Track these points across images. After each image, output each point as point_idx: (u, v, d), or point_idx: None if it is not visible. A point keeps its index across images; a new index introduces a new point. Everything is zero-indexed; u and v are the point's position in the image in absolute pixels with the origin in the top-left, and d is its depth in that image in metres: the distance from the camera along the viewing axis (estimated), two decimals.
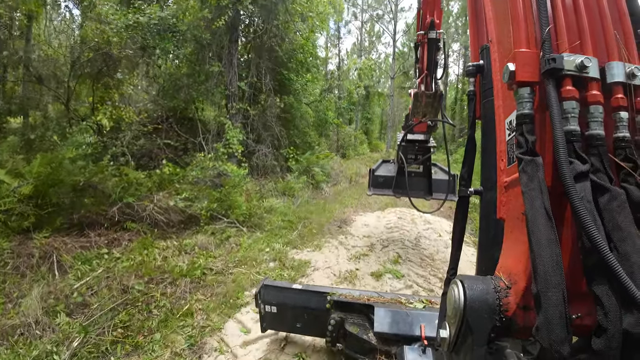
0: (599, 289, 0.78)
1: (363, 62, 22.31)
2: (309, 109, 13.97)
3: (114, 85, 9.52)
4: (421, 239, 6.97)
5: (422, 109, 3.58)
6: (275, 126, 10.44)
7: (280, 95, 11.04)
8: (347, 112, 22.94)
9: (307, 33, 10.81)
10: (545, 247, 0.81)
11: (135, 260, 5.10)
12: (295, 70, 11.38)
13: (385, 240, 6.69)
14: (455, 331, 0.98)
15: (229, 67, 9.55)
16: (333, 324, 2.70)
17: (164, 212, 6.43)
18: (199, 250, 5.65)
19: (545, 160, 0.91)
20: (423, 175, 4.86)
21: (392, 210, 9.78)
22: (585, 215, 0.79)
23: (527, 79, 0.95)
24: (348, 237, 6.74)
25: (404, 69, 34.80)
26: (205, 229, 6.40)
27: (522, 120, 0.95)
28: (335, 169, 15.31)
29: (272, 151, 10.32)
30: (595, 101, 0.91)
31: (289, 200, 9.05)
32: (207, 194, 6.58)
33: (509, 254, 1.02)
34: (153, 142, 9.72)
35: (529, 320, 0.90)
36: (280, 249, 5.62)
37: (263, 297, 2.93)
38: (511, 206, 1.04)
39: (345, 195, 11.59)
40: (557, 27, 0.97)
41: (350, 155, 21.58)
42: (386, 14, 29.47)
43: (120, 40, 8.90)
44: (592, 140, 0.90)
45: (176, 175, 7.08)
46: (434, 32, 3.39)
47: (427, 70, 3.49)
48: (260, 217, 6.61)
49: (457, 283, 0.98)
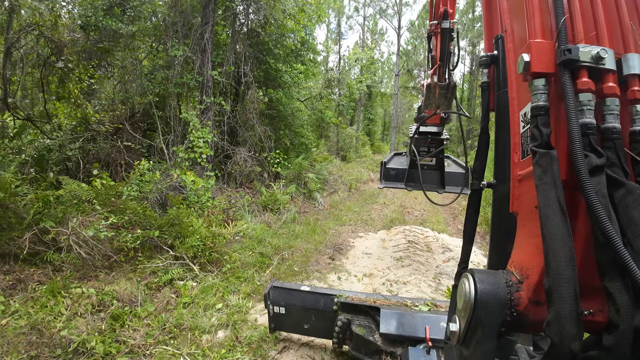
0: (612, 285, 0.76)
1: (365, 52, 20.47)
2: (303, 105, 12.08)
3: (71, 78, 7.78)
4: (442, 279, 5.10)
5: (435, 101, 3.41)
6: (259, 125, 8.58)
7: (266, 89, 9.18)
8: (348, 110, 21.12)
9: (296, 12, 8.92)
10: (559, 241, 0.80)
11: (32, 319, 3.38)
12: (283, 59, 9.51)
13: (394, 283, 4.82)
14: (465, 325, 0.96)
15: (199, 52, 7.71)
16: (340, 325, 2.73)
17: (83, 244, 4.62)
18: (117, 305, 3.82)
19: (560, 153, 0.89)
20: (436, 168, 4.68)
21: (399, 229, 7.91)
22: (600, 210, 0.77)
23: (542, 70, 0.92)
24: (342, 277, 4.87)
25: (408, 67, 33.01)
26: (142, 268, 4.57)
27: (537, 112, 0.92)
28: (333, 174, 13.51)
29: (254, 155, 8.45)
30: (611, 93, 0.89)
31: (272, 217, 7.19)
32: (147, 217, 4.73)
33: (522, 248, 1.01)
34: (113, 144, 7.97)
35: (540, 315, 0.87)
36: (239, 305, 3.76)
37: (272, 298, 2.95)
38: (524, 199, 1.03)
39: (343, 207, 9.72)
40: (573, 17, 0.95)
41: (351, 157, 19.83)
42: (390, 7, 27.53)
43: (54, 19, 7.14)
44: (607, 134, 0.88)
45: (112, 191, 5.24)
46: (447, 21, 3.27)
47: (440, 61, 3.39)
48: (220, 250, 4.73)
49: (468, 276, 0.96)
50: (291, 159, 9.89)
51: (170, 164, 6.63)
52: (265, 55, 9.13)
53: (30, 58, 8.20)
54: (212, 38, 8.05)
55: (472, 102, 30.33)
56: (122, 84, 8.09)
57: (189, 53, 7.50)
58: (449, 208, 10.73)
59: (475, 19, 31.86)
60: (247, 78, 8.38)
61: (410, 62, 33.15)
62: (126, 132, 7.98)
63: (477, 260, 6.06)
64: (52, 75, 8.07)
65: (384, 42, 34.85)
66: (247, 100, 8.56)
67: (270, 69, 9.25)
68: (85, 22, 6.70)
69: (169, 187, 5.59)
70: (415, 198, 11.91)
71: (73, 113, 7.99)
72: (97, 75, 8.21)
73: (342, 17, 31.09)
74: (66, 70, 7.66)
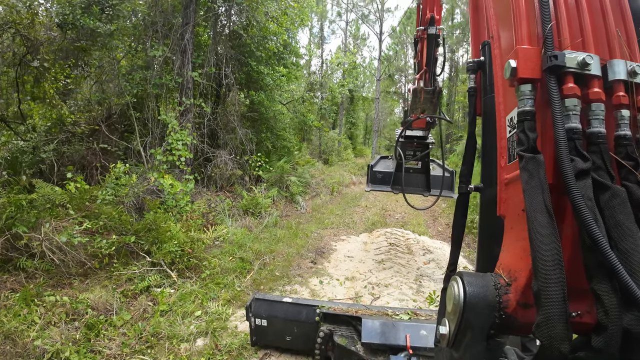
0: (600, 287, 0.77)
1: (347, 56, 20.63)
2: (285, 108, 12.02)
3: (47, 77, 7.45)
4: (424, 281, 5.15)
5: (421, 105, 3.47)
6: (240, 127, 8.47)
7: (247, 91, 9.08)
8: (330, 114, 21.18)
9: (279, 15, 8.88)
10: (546, 244, 0.80)
11: (5, 328, 3.20)
12: (265, 61, 9.44)
13: (376, 286, 4.82)
14: (454, 327, 0.96)
15: (179, 53, 7.56)
16: (322, 336, 2.72)
17: (57, 250, 4.42)
18: (92, 314, 3.66)
19: (546, 157, 0.90)
20: (421, 171, 4.76)
21: (381, 232, 7.96)
22: (586, 213, 0.78)
23: (529, 76, 0.93)
24: (324, 281, 4.84)
25: (389, 72, 33.47)
26: (118, 275, 4.40)
27: (523, 117, 0.93)
28: (316, 177, 13.48)
29: (235, 158, 8.33)
30: (596, 99, 0.90)
31: (253, 221, 7.09)
32: (123, 222, 4.57)
33: (509, 250, 1.01)
34: (89, 146, 7.68)
35: (529, 317, 0.88)
36: (219, 312, 3.67)
37: (254, 311, 2.93)
38: (512, 203, 1.03)
39: (325, 210, 9.71)
40: (559, 24, 0.97)
41: (334, 161, 19.87)
42: (372, 13, 27.89)
43: (32, 17, 6.85)
44: (593, 138, 0.89)
45: (87, 195, 5.04)
46: (434, 27, 3.32)
47: (426, 66, 3.42)
48: (199, 256, 4.61)
49: (457, 279, 0.96)
50: (273, 162, 9.81)
51: (148, 167, 6.45)
52: (247, 58, 9.05)
53: (6, 57, 7.83)
54: (192, 39, 7.91)
55: (452, 107, 30.98)
56: (99, 84, 7.83)
57: (168, 53, 7.34)
58: (430, 211, 10.89)
59: (454, 26, 32.65)
60: (229, 80, 8.27)
61: (391, 67, 33.63)
62: (102, 133, 7.71)
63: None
64: (27, 74, 7.73)
65: (366, 47, 35.21)
66: (228, 102, 8.44)
67: (252, 71, 9.17)
68: (62, 20, 6.45)
69: (146, 191, 5.42)
70: (396, 201, 12.04)
71: (48, 114, 7.68)
72: (73, 75, 7.92)
73: (325, 21, 31.25)
74: (42, 69, 7.36)
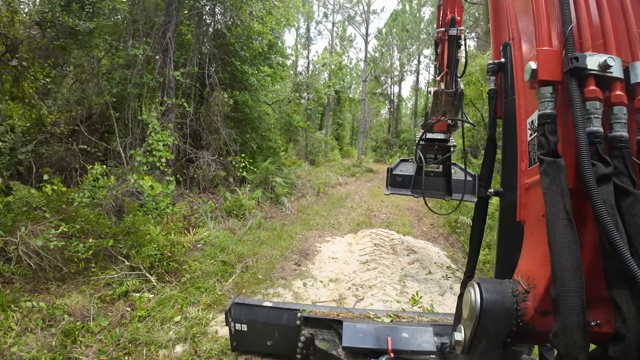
0: (619, 295, 0.76)
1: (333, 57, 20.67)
2: (270, 109, 11.94)
3: (27, 77, 7.17)
4: (407, 281, 5.18)
5: (442, 108, 3.35)
6: (224, 128, 8.36)
7: (231, 91, 8.98)
8: (316, 115, 21.18)
9: (264, 14, 8.81)
10: (566, 251, 0.78)
11: None
12: (250, 61, 9.35)
13: (360, 287, 4.82)
14: (470, 334, 0.94)
15: (161, 51, 7.41)
16: (303, 340, 2.69)
17: (33, 255, 4.26)
18: (68, 320, 3.55)
19: (567, 161, 0.88)
20: (442, 175, 4.62)
21: (366, 233, 7.97)
22: (607, 219, 0.76)
23: (549, 78, 0.91)
24: (308, 283, 4.80)
25: (375, 73, 33.70)
26: (96, 280, 4.28)
27: (544, 120, 0.91)
28: (302, 178, 13.42)
29: (219, 159, 8.22)
30: (618, 102, 0.88)
31: (236, 223, 7.00)
32: (100, 225, 4.44)
33: (529, 257, 0.99)
34: (68, 147, 7.46)
35: (546, 325, 0.85)
36: (199, 317, 3.59)
37: (233, 315, 2.90)
38: (532, 208, 1.02)
39: (311, 212, 9.68)
40: (580, 25, 0.95)
41: (320, 162, 19.85)
42: (358, 14, 28.02)
43: (11, 15, 6.61)
44: (615, 142, 0.88)
45: (64, 197, 4.87)
46: (455, 29, 3.27)
47: (448, 68, 3.35)
48: (179, 260, 4.51)
49: (474, 285, 0.95)
50: (258, 163, 9.72)
51: (128, 169, 6.30)
52: (231, 57, 8.94)
53: None
54: (175, 37, 7.77)
55: None
56: (79, 83, 7.61)
57: (150, 52, 7.19)
58: (415, 211, 11.00)
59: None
60: (212, 79, 8.16)
61: (377, 68, 33.87)
62: (82, 134, 7.51)
63: (440, 262, 6.22)
64: (6, 73, 7.46)
65: (352, 48, 35.28)
66: (211, 102, 8.31)
67: (236, 71, 9.06)
68: (41, 18, 6.25)
69: (126, 193, 5.28)
70: (381, 201, 12.11)
71: (27, 114, 7.43)
72: (52, 74, 7.68)
73: (311, 22, 31.25)
74: (21, 68, 7.12)
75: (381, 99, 38.94)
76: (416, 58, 37.33)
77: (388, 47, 36.26)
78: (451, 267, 5.97)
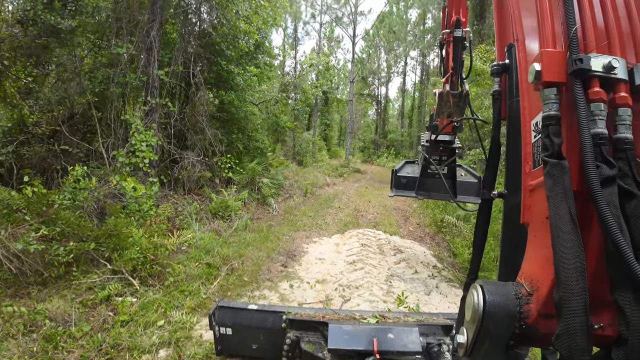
0: (622, 298, 0.76)
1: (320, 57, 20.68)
2: (257, 109, 11.86)
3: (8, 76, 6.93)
4: (394, 281, 5.21)
5: (448, 109, 3.35)
6: (209, 128, 8.27)
7: (217, 91, 8.89)
8: (303, 115, 21.15)
9: (250, 14, 8.76)
10: (569, 253, 0.78)
11: None
12: (236, 61, 9.28)
13: (347, 288, 4.83)
14: (473, 336, 0.94)
15: (144, 50, 7.28)
16: (289, 343, 2.68)
17: (14, 259, 4.13)
18: (50, 325, 3.46)
19: (572, 163, 0.88)
20: (448, 177, 4.51)
21: (353, 233, 8.00)
22: (611, 222, 0.76)
23: (554, 80, 0.92)
24: (295, 285, 4.79)
25: (363, 74, 33.90)
26: (77, 284, 4.17)
27: (548, 121, 0.92)
28: (289, 179, 13.39)
29: (204, 159, 8.12)
30: (623, 103, 0.88)
31: (222, 225, 6.93)
32: (82, 228, 4.33)
33: (532, 259, 1.00)
34: (49, 148, 7.25)
35: (549, 328, 0.85)
36: (183, 321, 3.54)
37: (217, 319, 2.89)
38: (535, 210, 1.02)
39: (298, 212, 9.66)
40: (585, 27, 0.96)
41: (308, 162, 19.84)
42: (345, 16, 28.12)
43: None
44: (619, 144, 0.87)
45: (44, 199, 4.73)
46: (460, 30, 3.24)
47: (453, 70, 3.32)
48: (163, 263, 4.44)
49: (477, 288, 0.95)
50: (244, 164, 9.65)
51: (110, 170, 6.17)
52: (217, 57, 8.86)
53: None
54: (159, 36, 7.65)
55: (422, 109, 31.76)
56: (61, 82, 7.41)
57: (133, 51, 7.05)
58: (401, 211, 11.10)
59: (425, 31, 33.56)
60: (197, 79, 8.06)
61: (364, 69, 34.08)
62: (64, 134, 7.32)
63: (426, 261, 6.29)
64: None
65: (340, 49, 35.40)
66: (196, 102, 8.21)
67: (222, 70, 8.98)
68: (24, 16, 6.06)
69: (108, 195, 5.17)
70: (368, 202, 12.17)
71: (9, 114, 7.21)
72: (34, 74, 7.46)
73: (299, 22, 31.25)
74: (2, 67, 6.89)
75: (368, 100, 39.22)
76: (403, 60, 37.74)
77: (375, 48, 36.54)
78: (437, 266, 6.04)
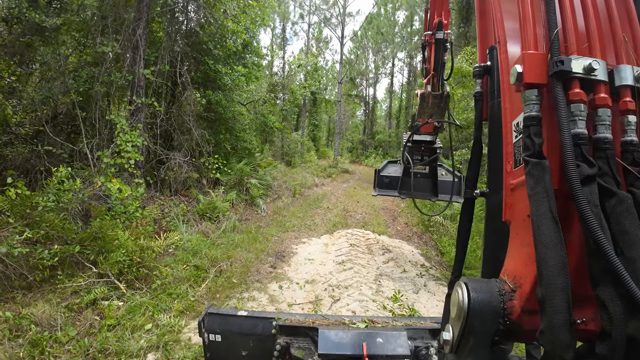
0: (604, 294, 0.77)
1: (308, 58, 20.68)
2: (245, 109, 11.79)
3: None
4: (383, 280, 5.26)
5: (429, 110, 3.43)
6: (196, 128, 8.18)
7: (204, 90, 8.80)
8: (292, 116, 21.11)
9: (238, 13, 8.70)
10: (551, 250, 0.80)
11: None
12: (223, 60, 9.20)
13: (336, 288, 4.85)
14: (458, 333, 0.96)
15: (130, 49, 7.16)
16: (279, 349, 2.57)
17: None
18: (35, 330, 3.38)
19: (552, 163, 0.90)
20: (429, 176, 4.72)
21: (342, 233, 8.04)
22: (592, 219, 0.78)
23: (535, 81, 0.93)
24: (284, 286, 4.79)
25: (351, 75, 34.03)
26: (62, 288, 4.08)
27: (529, 122, 0.93)
28: (278, 179, 13.36)
29: (191, 160, 8.03)
30: (603, 104, 0.90)
31: (210, 226, 6.87)
32: (66, 230, 4.23)
33: (515, 256, 1.02)
34: (32, 149, 7.04)
35: (533, 324, 0.86)
36: (171, 325, 3.50)
37: (207, 326, 2.71)
38: (517, 208, 1.04)
39: (287, 213, 9.64)
40: (566, 29, 0.97)
41: (297, 163, 19.82)
42: (334, 17, 28.20)
43: None
44: (599, 144, 0.89)
45: (28, 201, 4.60)
46: (442, 32, 3.34)
47: (434, 71, 3.44)
48: (150, 265, 4.37)
49: (461, 285, 0.96)
50: (232, 165, 9.57)
51: (95, 171, 6.04)
52: (205, 56, 8.76)
53: None
54: (145, 35, 7.53)
55: (410, 110, 32.04)
56: (45, 81, 7.23)
57: (119, 50, 6.92)
58: (389, 210, 11.20)
59: (412, 33, 33.89)
60: (184, 78, 7.96)
61: (352, 70, 34.21)
62: (47, 135, 7.14)
63: (414, 260, 6.37)
64: None
65: (328, 50, 35.46)
66: (183, 101, 8.11)
67: (210, 70, 8.89)
68: (8, 14, 5.89)
69: (92, 197, 5.06)
70: (357, 202, 12.23)
71: None
72: (18, 72, 7.25)
73: (287, 22, 31.16)
74: None
75: (357, 101, 39.37)
76: (390, 61, 38.04)
77: (363, 49, 36.72)
78: (425, 265, 6.12)
